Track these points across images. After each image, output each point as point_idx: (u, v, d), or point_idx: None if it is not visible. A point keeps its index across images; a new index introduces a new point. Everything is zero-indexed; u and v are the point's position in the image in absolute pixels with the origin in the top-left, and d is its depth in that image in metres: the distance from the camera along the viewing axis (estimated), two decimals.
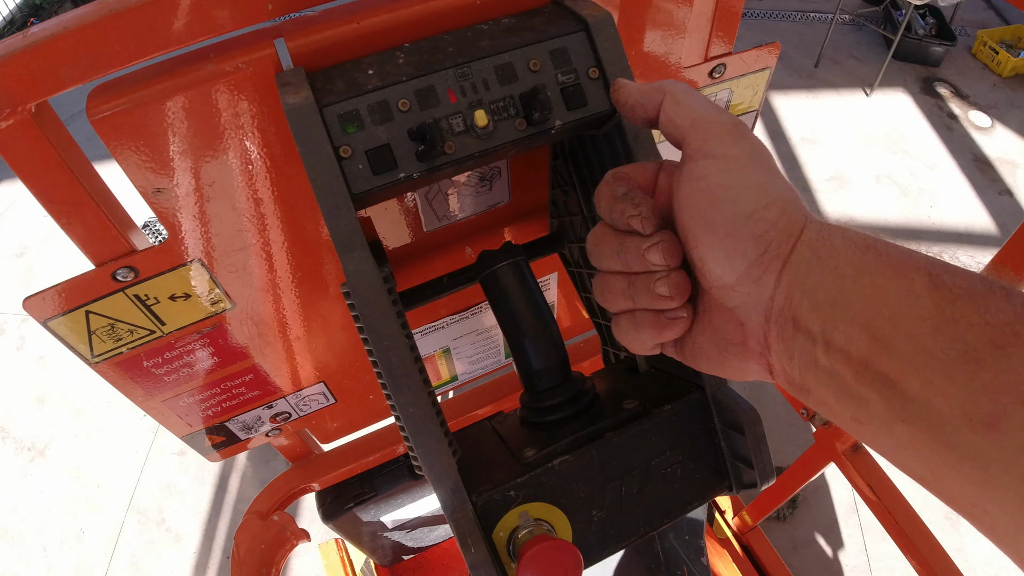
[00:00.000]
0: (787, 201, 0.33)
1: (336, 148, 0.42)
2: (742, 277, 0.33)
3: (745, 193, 0.33)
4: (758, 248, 0.32)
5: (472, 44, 0.46)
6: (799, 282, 0.32)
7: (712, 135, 0.35)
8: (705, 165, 0.35)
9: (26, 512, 2.22)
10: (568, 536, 0.47)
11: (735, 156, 0.34)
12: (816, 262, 0.31)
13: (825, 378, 0.31)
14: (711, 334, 0.37)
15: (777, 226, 0.32)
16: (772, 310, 0.33)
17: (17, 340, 2.66)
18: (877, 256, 0.30)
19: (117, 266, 0.54)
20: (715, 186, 0.34)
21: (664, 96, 0.38)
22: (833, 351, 0.30)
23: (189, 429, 0.73)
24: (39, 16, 4.21)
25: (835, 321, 0.30)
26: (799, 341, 0.32)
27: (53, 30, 0.43)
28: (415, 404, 0.43)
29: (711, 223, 0.34)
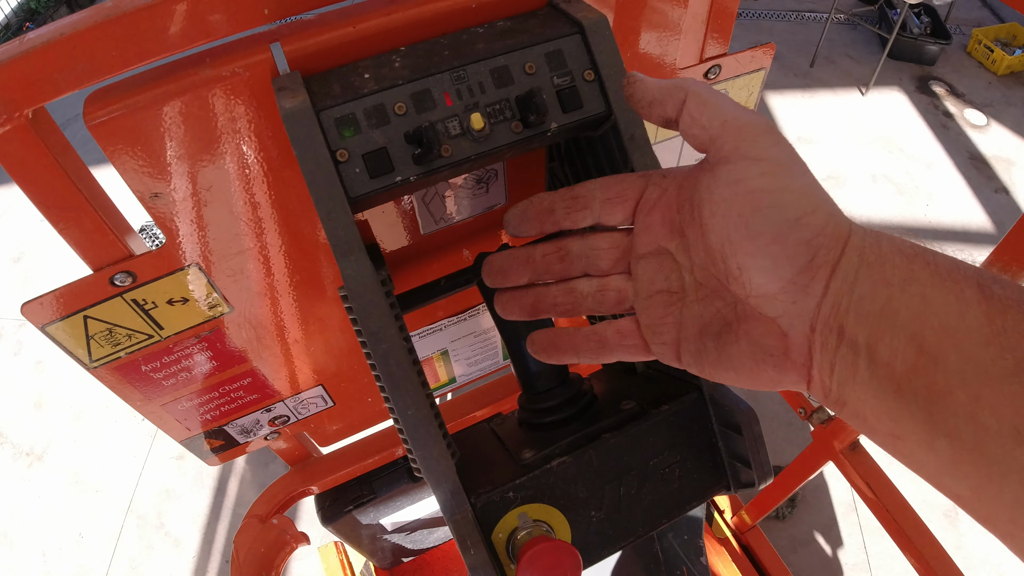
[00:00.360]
0: (832, 207, 0.32)
1: (333, 152, 0.42)
2: (788, 285, 0.32)
3: (791, 197, 0.32)
4: (806, 254, 0.31)
5: (468, 47, 0.46)
6: (846, 290, 0.30)
7: (748, 137, 0.34)
8: (745, 168, 0.33)
9: (25, 517, 2.22)
10: (567, 537, 0.47)
11: (776, 159, 0.33)
12: (865, 270, 0.30)
13: (866, 391, 0.30)
14: (747, 344, 0.35)
15: (825, 231, 0.31)
16: (818, 319, 0.32)
17: (15, 345, 2.66)
18: (925, 265, 0.29)
19: (115, 271, 0.54)
20: (758, 189, 0.32)
21: (687, 96, 0.36)
22: (877, 363, 0.29)
23: (188, 433, 0.73)
24: (35, 21, 4.21)
25: (881, 332, 0.29)
26: (842, 352, 0.31)
27: (50, 36, 0.43)
28: (413, 407, 0.43)
29: (754, 229, 0.32)
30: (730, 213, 0.33)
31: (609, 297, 0.42)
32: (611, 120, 0.47)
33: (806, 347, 0.32)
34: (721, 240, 0.34)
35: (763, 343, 0.34)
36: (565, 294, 0.43)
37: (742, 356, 0.35)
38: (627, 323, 0.41)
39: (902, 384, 0.28)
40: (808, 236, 0.31)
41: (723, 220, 0.34)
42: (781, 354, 0.34)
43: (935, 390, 0.27)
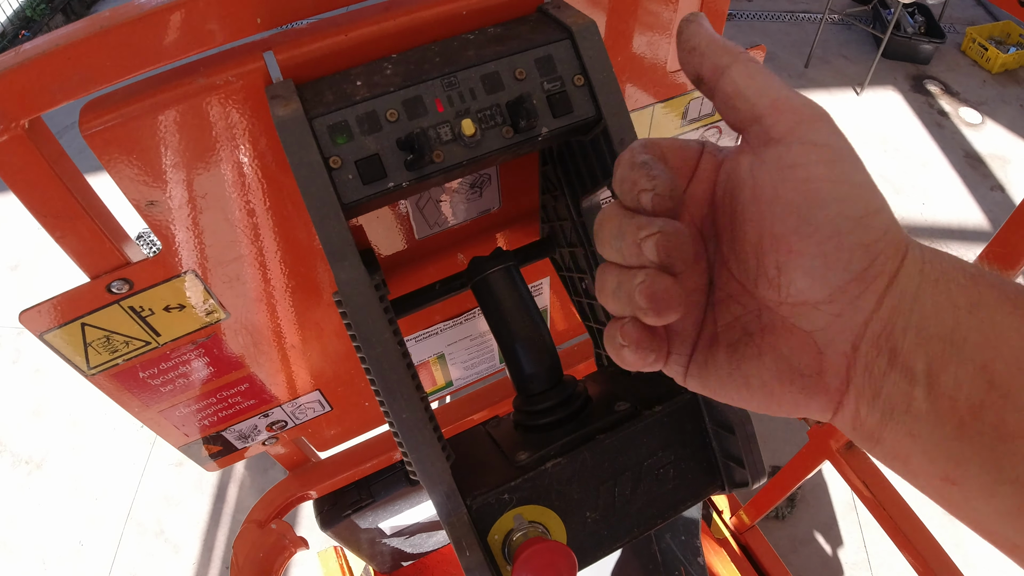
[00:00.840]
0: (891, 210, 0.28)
1: (326, 159, 0.43)
2: (836, 293, 0.28)
3: (856, 191, 0.27)
4: (864, 260, 0.27)
5: (458, 54, 0.47)
6: (905, 308, 0.27)
7: (804, 120, 0.29)
8: (803, 152, 0.28)
9: (24, 525, 2.22)
10: (562, 538, 0.48)
11: (838, 147, 0.28)
12: (927, 286, 0.26)
13: (918, 426, 0.26)
14: (772, 362, 0.30)
15: (888, 236, 0.27)
16: (864, 338, 0.28)
17: (13, 353, 2.66)
18: (991, 287, 0.26)
19: (112, 278, 0.54)
20: (818, 177, 0.27)
21: (734, 61, 0.31)
22: (938, 395, 0.25)
23: (186, 439, 0.73)
24: (30, 28, 4.21)
25: (946, 360, 0.25)
26: (892, 379, 0.27)
27: (45, 47, 0.43)
28: (408, 410, 0.44)
29: (808, 222, 0.27)
30: (777, 201, 0.29)
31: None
32: (601, 124, 0.48)
33: (844, 369, 0.28)
34: (760, 232, 0.29)
35: (792, 360, 0.30)
36: None
37: (763, 374, 0.31)
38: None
39: (966, 421, 0.25)
40: (869, 239, 0.27)
41: (767, 209, 0.29)
42: (813, 374, 0.29)
43: (1004, 430, 0.24)
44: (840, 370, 0.29)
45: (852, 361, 0.28)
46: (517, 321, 0.53)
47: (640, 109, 0.69)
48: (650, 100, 0.68)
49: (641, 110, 0.69)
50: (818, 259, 0.27)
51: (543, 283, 0.83)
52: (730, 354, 0.32)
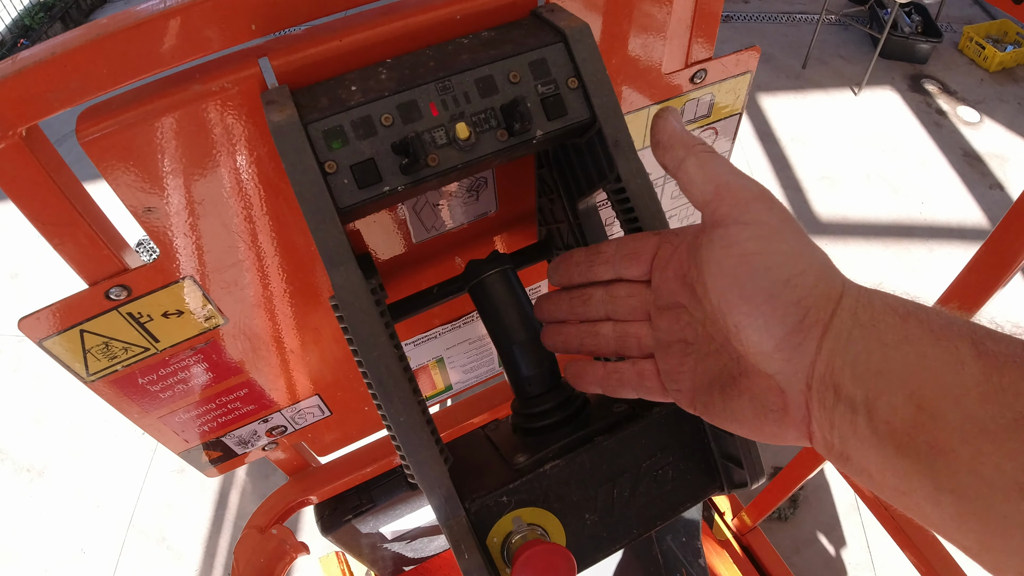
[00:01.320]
0: (823, 266, 0.33)
1: (321, 164, 0.43)
2: (781, 343, 0.33)
3: (780, 259, 0.33)
4: (797, 314, 0.32)
5: (453, 58, 0.47)
6: (840, 349, 0.31)
7: (740, 201, 0.35)
8: (737, 231, 0.34)
9: (26, 533, 2.22)
10: (562, 540, 0.48)
11: (766, 223, 0.34)
12: (858, 329, 0.31)
13: (868, 448, 0.30)
14: (749, 400, 0.36)
15: (815, 291, 0.32)
16: (814, 377, 0.32)
17: (14, 361, 2.66)
18: (919, 323, 0.30)
19: (110, 285, 0.54)
20: (749, 252, 0.34)
21: (687, 155, 0.38)
22: (877, 421, 0.29)
23: (186, 445, 0.74)
24: (29, 37, 4.23)
25: (879, 390, 0.29)
26: (840, 410, 0.31)
27: (42, 55, 0.43)
28: (405, 413, 0.44)
29: (746, 290, 0.33)
30: (724, 274, 0.35)
31: (630, 342, 0.44)
32: (595, 127, 0.48)
33: (803, 404, 0.33)
34: (718, 299, 0.35)
35: (763, 399, 0.35)
36: (590, 336, 0.47)
37: (745, 411, 0.36)
38: (648, 365, 0.44)
39: (903, 441, 0.28)
40: (798, 296, 0.32)
41: (718, 280, 0.35)
42: (780, 410, 0.34)
43: (937, 446, 0.27)
44: (800, 405, 0.33)
45: (808, 397, 0.33)
46: (514, 324, 0.53)
47: (636, 111, 0.69)
48: (646, 102, 0.69)
49: (637, 112, 0.69)
50: (760, 318, 0.33)
51: (541, 286, 0.83)
52: (721, 394, 0.38)
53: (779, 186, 3.04)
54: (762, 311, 0.33)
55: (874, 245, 2.79)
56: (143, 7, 0.45)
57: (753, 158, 3.18)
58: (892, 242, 2.80)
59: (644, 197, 0.47)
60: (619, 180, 0.48)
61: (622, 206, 0.48)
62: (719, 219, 0.35)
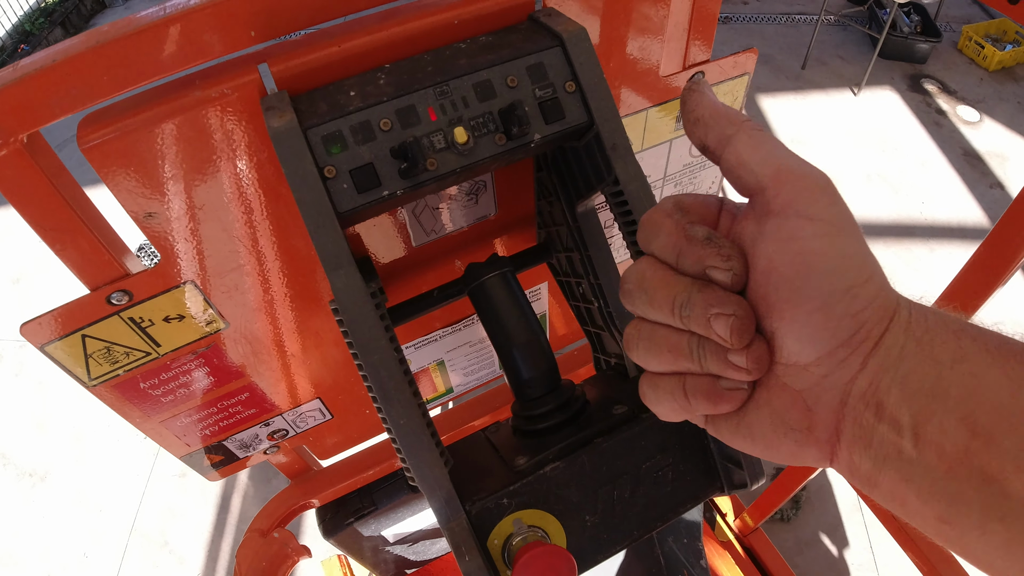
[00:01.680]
0: (882, 275, 0.30)
1: (321, 168, 0.43)
2: (824, 357, 0.29)
3: (846, 263, 0.29)
4: (851, 327, 0.29)
5: (450, 63, 0.47)
6: (890, 367, 0.28)
7: (804, 191, 0.30)
8: (800, 226, 0.30)
9: (29, 538, 2.22)
10: (562, 542, 0.48)
11: (833, 220, 0.30)
12: (912, 346, 0.28)
13: (910, 472, 0.28)
14: (768, 416, 0.32)
15: (874, 304, 0.29)
16: (850, 395, 0.29)
17: (16, 366, 2.67)
18: (973, 341, 0.28)
19: (111, 290, 0.55)
20: (811, 251, 0.29)
21: (738, 131, 0.33)
22: (924, 444, 0.27)
23: (187, 449, 0.74)
24: (29, 42, 4.24)
25: (930, 412, 0.27)
26: (881, 431, 0.28)
27: (43, 62, 0.44)
28: (405, 416, 0.44)
29: (800, 293, 0.29)
30: (773, 272, 0.30)
31: None
32: (593, 130, 0.48)
33: (833, 424, 0.30)
34: (755, 298, 0.31)
35: (785, 416, 0.32)
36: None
37: (762, 427, 0.33)
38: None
39: (953, 466, 0.26)
40: (857, 308, 0.29)
41: (763, 277, 0.31)
42: (803, 429, 0.31)
43: (989, 473, 0.26)
44: (829, 425, 0.30)
45: (841, 416, 0.30)
46: (513, 326, 0.54)
47: (634, 114, 0.69)
48: (644, 104, 0.69)
49: (635, 114, 0.69)
50: (807, 327, 0.29)
51: (541, 288, 0.83)
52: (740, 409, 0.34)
53: None
54: (812, 319, 0.29)
55: (875, 245, 2.79)
56: (143, 14, 0.46)
57: None
58: (893, 242, 2.80)
59: (642, 200, 0.48)
60: (617, 183, 0.48)
61: (620, 209, 0.49)
62: (778, 208, 0.31)
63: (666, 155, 0.77)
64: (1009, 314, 2.49)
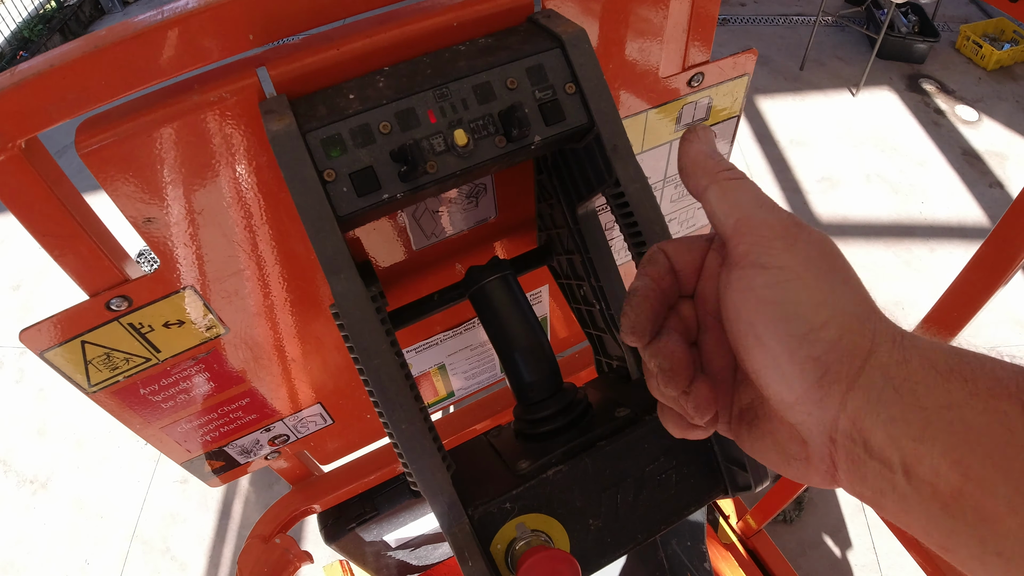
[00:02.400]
0: (851, 315, 0.30)
1: (320, 172, 0.43)
2: (801, 397, 0.30)
3: (799, 309, 0.30)
4: (816, 371, 0.29)
5: (450, 65, 0.47)
6: (870, 409, 0.28)
7: (761, 240, 0.32)
8: (753, 276, 0.31)
9: (30, 545, 2.21)
10: (566, 546, 0.48)
11: (787, 266, 0.31)
12: (891, 392, 0.28)
13: (907, 504, 0.28)
14: (771, 444, 0.34)
15: (838, 347, 0.29)
16: (838, 432, 0.30)
17: (16, 373, 2.66)
18: (963, 384, 0.27)
19: (111, 296, 0.54)
20: (765, 301, 0.31)
21: (711, 184, 0.35)
22: (917, 482, 0.27)
23: (188, 455, 0.73)
24: (28, 49, 4.24)
25: (920, 455, 0.27)
26: (873, 466, 0.29)
27: (40, 68, 0.43)
28: (407, 421, 0.43)
29: (762, 340, 0.31)
30: (740, 320, 0.32)
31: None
32: (594, 132, 0.48)
33: (828, 456, 0.31)
34: (736, 343, 0.33)
35: (785, 446, 0.33)
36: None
37: (768, 452, 0.35)
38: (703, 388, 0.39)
39: (948, 503, 0.27)
40: (817, 352, 0.29)
41: (735, 325, 0.33)
42: (803, 459, 0.33)
43: (984, 513, 0.26)
44: (824, 456, 0.31)
45: (833, 450, 0.31)
46: (515, 330, 0.53)
47: (634, 115, 0.69)
48: (644, 106, 0.69)
49: (635, 116, 0.69)
50: (776, 370, 0.31)
51: (542, 291, 0.83)
52: (748, 432, 0.36)
53: (779, 188, 3.04)
54: (779, 363, 0.30)
55: (875, 245, 2.78)
56: (141, 18, 0.46)
57: (752, 161, 3.18)
58: (893, 242, 2.80)
59: (643, 201, 0.47)
60: (618, 184, 0.48)
61: (621, 211, 0.48)
62: (737, 259, 0.32)
63: (666, 157, 0.76)
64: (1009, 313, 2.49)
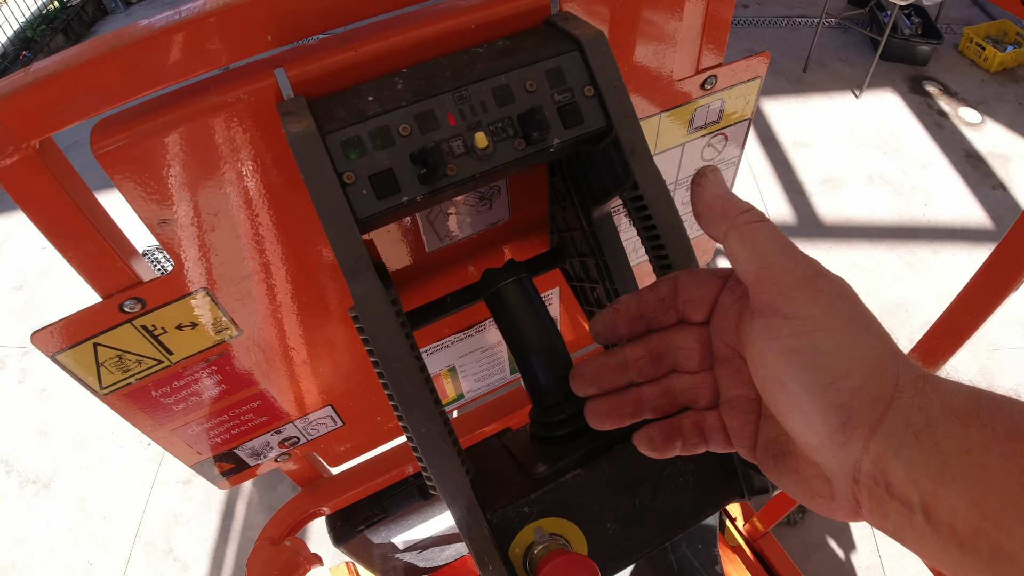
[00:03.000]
0: (874, 363, 0.31)
1: (340, 174, 0.43)
2: (825, 441, 0.31)
3: (822, 359, 0.31)
4: (839, 417, 0.30)
5: (468, 67, 0.47)
6: (892, 453, 0.30)
7: (783, 290, 0.32)
8: (777, 326, 0.32)
9: (32, 546, 2.21)
10: (584, 550, 0.47)
11: (809, 316, 0.31)
12: (911, 437, 0.29)
13: (925, 541, 0.29)
14: (797, 481, 0.35)
15: (860, 394, 0.30)
16: (861, 472, 0.31)
17: (19, 373, 2.66)
18: (982, 429, 0.28)
19: (124, 298, 0.54)
20: (788, 351, 0.32)
21: (731, 230, 0.35)
22: (935, 522, 0.28)
23: (198, 457, 0.73)
24: (31, 49, 4.24)
25: (938, 496, 0.28)
26: (894, 505, 0.30)
27: (56, 67, 0.43)
28: (427, 424, 0.43)
29: (787, 388, 0.32)
30: (764, 366, 0.33)
31: (703, 395, 0.41)
32: (612, 135, 0.48)
33: (851, 495, 0.32)
34: (761, 386, 0.34)
35: (810, 484, 0.34)
36: (661, 395, 0.42)
37: (794, 487, 0.36)
38: (713, 419, 0.41)
39: (965, 541, 0.27)
40: (841, 400, 0.30)
41: (760, 371, 0.34)
42: (827, 496, 0.34)
43: (1001, 551, 0.27)
44: (848, 495, 0.32)
45: (856, 490, 0.32)
46: (532, 333, 0.53)
47: (646, 119, 0.69)
48: (656, 109, 0.69)
49: (647, 119, 0.69)
50: (800, 415, 0.32)
51: (552, 294, 0.82)
52: (775, 465, 0.37)
53: (782, 190, 3.04)
54: (804, 410, 0.31)
55: (878, 247, 2.78)
56: (157, 18, 0.45)
57: (756, 163, 3.18)
58: (896, 244, 2.80)
59: (662, 204, 0.47)
60: (636, 187, 0.47)
61: (639, 213, 0.48)
62: (760, 308, 0.33)
63: (678, 160, 0.76)
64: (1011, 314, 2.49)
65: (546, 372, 0.53)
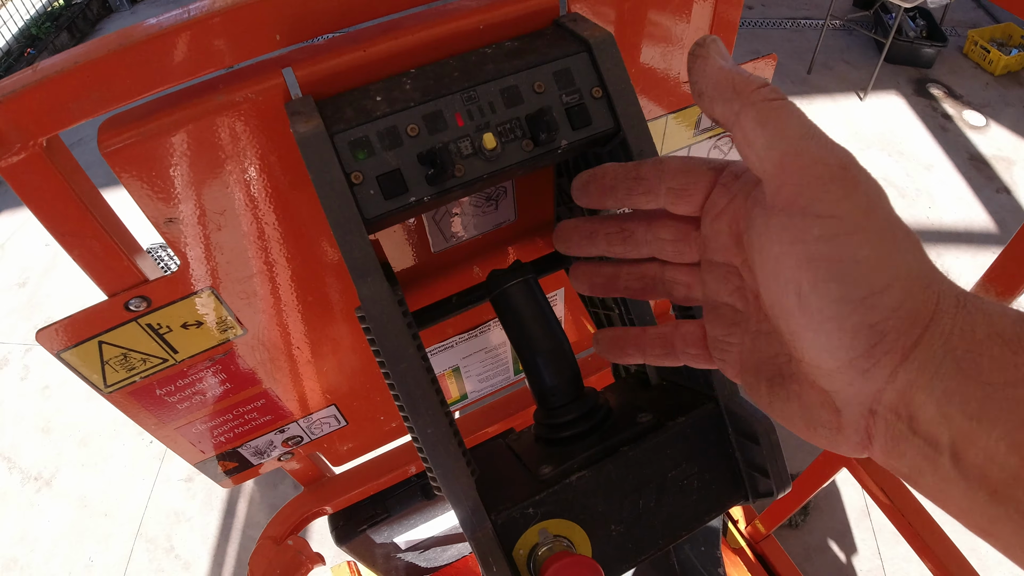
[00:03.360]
0: (914, 276, 0.26)
1: (347, 174, 0.43)
2: (844, 367, 0.27)
3: (858, 270, 0.26)
4: (869, 339, 0.26)
5: (477, 68, 0.47)
6: (924, 383, 0.25)
7: (813, 182, 0.27)
8: (805, 226, 0.27)
9: (34, 542, 2.21)
10: (588, 552, 0.47)
11: (845, 216, 0.26)
12: (951, 365, 0.25)
13: (947, 486, 0.25)
14: (798, 408, 0.30)
15: (898, 313, 0.25)
16: (880, 403, 0.27)
17: (21, 370, 2.66)
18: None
19: (129, 296, 0.54)
20: (816, 257, 0.26)
21: (742, 109, 0.29)
22: (965, 466, 0.24)
23: (202, 456, 0.73)
24: (35, 47, 4.25)
25: (974, 436, 0.24)
26: (916, 443, 0.26)
27: (63, 65, 0.43)
28: (433, 425, 0.43)
29: (809, 303, 0.27)
30: (779, 276, 0.28)
31: (678, 290, 0.38)
32: (619, 136, 0.48)
33: (863, 428, 0.28)
34: (771, 301, 0.29)
35: (815, 413, 0.30)
36: (636, 279, 0.40)
37: (793, 416, 0.31)
38: (694, 328, 0.37)
39: (998, 489, 0.24)
40: (874, 319, 0.25)
41: (772, 281, 0.28)
42: (833, 428, 0.29)
43: None
44: (859, 428, 0.28)
45: (871, 423, 0.27)
46: (538, 334, 0.53)
47: (653, 120, 0.69)
48: (662, 111, 0.68)
49: (654, 121, 0.69)
50: (820, 336, 0.27)
51: (557, 295, 0.82)
52: (768, 389, 0.32)
53: None
54: (825, 329, 0.26)
55: None
56: (166, 16, 0.45)
57: None
58: None
59: None
60: None
61: None
62: (783, 203, 0.27)
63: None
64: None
65: (552, 373, 0.53)
